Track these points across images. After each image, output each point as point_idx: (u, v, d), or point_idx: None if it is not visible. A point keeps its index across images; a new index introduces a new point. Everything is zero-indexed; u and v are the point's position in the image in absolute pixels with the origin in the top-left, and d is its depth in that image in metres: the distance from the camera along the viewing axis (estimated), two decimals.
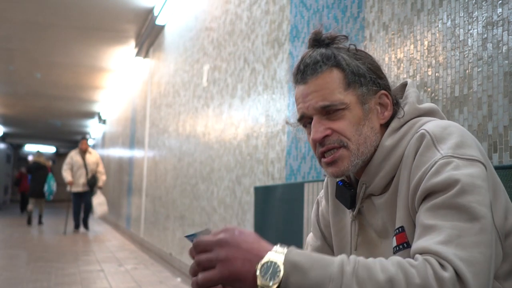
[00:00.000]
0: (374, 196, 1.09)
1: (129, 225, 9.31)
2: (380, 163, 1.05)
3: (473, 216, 0.86)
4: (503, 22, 1.50)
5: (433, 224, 0.87)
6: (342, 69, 1.05)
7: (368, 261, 0.84)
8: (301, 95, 1.08)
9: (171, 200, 6.04)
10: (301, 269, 0.82)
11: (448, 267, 0.81)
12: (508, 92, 1.47)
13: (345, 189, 1.13)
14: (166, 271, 5.57)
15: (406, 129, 1.05)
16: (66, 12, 6.96)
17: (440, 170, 0.91)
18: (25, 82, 11.37)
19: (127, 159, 10.15)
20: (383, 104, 1.08)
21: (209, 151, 4.56)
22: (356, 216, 1.12)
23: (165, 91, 6.74)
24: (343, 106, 1.04)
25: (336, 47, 1.09)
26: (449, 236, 0.84)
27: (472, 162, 0.92)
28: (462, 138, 0.96)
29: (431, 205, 0.90)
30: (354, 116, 1.05)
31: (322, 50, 1.07)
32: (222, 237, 0.86)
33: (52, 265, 5.79)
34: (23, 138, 24.50)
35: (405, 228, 0.99)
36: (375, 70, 1.08)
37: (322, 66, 1.05)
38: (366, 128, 1.05)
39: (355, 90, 1.05)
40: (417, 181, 0.94)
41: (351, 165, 1.05)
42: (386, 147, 1.05)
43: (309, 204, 2.53)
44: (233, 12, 4.11)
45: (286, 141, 2.96)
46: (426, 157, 0.95)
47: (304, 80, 1.07)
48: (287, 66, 3.01)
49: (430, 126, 1.00)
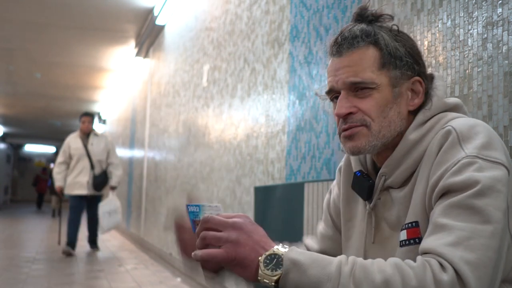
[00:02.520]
0: (393, 189, 1.06)
1: (129, 225, 9.31)
2: (402, 156, 1.03)
3: (487, 219, 0.85)
4: (503, 22, 1.50)
5: (445, 223, 0.86)
6: (379, 48, 1.03)
7: (367, 262, 0.85)
8: (334, 68, 1.05)
9: (171, 200, 6.04)
10: (300, 267, 0.85)
11: (449, 270, 0.81)
12: (508, 92, 1.47)
13: (364, 179, 1.10)
14: (166, 271, 5.57)
15: (432, 124, 1.02)
16: (66, 12, 6.96)
17: (462, 170, 0.90)
18: (25, 82, 11.37)
19: (127, 159, 10.15)
20: (415, 90, 1.06)
21: (209, 151, 4.55)
22: (373, 208, 1.10)
23: (165, 91, 6.74)
24: (373, 86, 1.02)
25: (379, 25, 1.07)
26: (459, 237, 0.84)
27: (496, 165, 0.90)
28: (489, 139, 0.93)
29: (447, 203, 0.88)
30: (383, 97, 1.02)
31: (363, 25, 1.05)
32: (237, 220, 0.90)
33: (52, 265, 5.79)
34: (23, 138, 24.49)
35: (420, 224, 0.97)
36: (413, 55, 1.05)
37: (360, 41, 1.03)
38: (392, 111, 1.03)
39: (389, 72, 1.03)
40: (437, 178, 0.93)
41: (369, 145, 1.03)
42: (410, 141, 1.02)
43: (309, 204, 2.53)
44: (233, 12, 4.11)
45: (286, 141, 2.96)
46: (449, 155, 0.93)
47: (339, 53, 1.04)
48: (287, 66, 3.01)
49: (458, 123, 0.97)
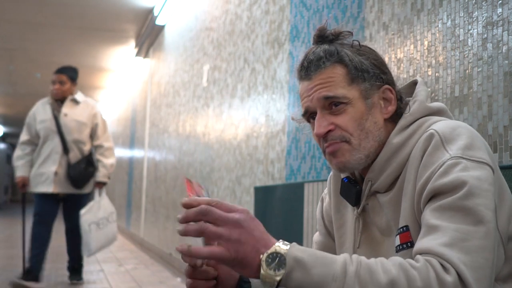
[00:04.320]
0: (380, 194, 1.08)
1: (129, 225, 9.31)
2: (386, 161, 1.05)
3: (479, 219, 0.85)
4: (503, 22, 1.50)
5: (438, 225, 0.86)
6: (345, 65, 1.06)
7: (371, 261, 0.84)
8: (306, 90, 1.08)
9: (171, 200, 6.03)
10: (304, 266, 0.82)
11: (451, 271, 0.81)
12: (508, 92, 1.47)
13: (351, 185, 1.11)
14: (166, 271, 5.57)
15: (415, 128, 1.04)
16: (66, 12, 6.96)
17: (448, 171, 0.91)
18: (25, 82, 11.36)
19: (127, 159, 10.15)
20: (387, 98, 1.08)
21: (209, 151, 4.55)
22: (361, 213, 1.11)
23: (165, 91, 6.74)
24: (346, 101, 1.05)
25: (340, 43, 1.09)
26: (453, 238, 0.84)
27: (481, 165, 0.91)
28: (471, 139, 0.95)
29: (437, 205, 0.89)
30: (357, 111, 1.05)
31: (325, 46, 1.08)
32: (238, 217, 0.85)
33: (52, 265, 5.79)
34: None
35: (410, 228, 0.98)
36: (378, 65, 1.08)
37: (325, 62, 1.06)
38: (368, 123, 1.06)
39: (358, 85, 1.06)
40: (425, 181, 0.94)
41: (353, 159, 1.05)
42: (394, 145, 1.04)
43: (309, 204, 2.53)
44: (233, 12, 4.11)
45: (286, 141, 2.96)
46: (434, 157, 0.95)
47: (308, 76, 1.08)
48: (287, 66, 3.01)
49: (440, 126, 0.99)
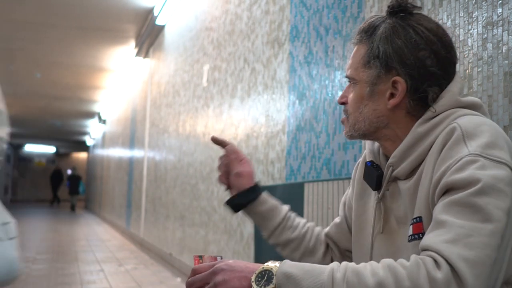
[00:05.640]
0: (400, 181, 1.07)
1: (129, 225, 9.31)
2: (409, 148, 1.04)
3: (487, 217, 0.85)
4: (503, 22, 1.50)
5: (445, 220, 0.87)
6: (368, 47, 1.08)
7: (359, 266, 0.86)
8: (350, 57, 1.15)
9: (171, 200, 6.03)
10: (294, 280, 0.86)
11: (443, 267, 0.81)
12: (508, 92, 1.47)
13: (373, 169, 1.12)
14: (166, 271, 5.57)
15: (441, 118, 1.02)
16: (66, 12, 6.96)
17: (464, 167, 0.90)
18: (25, 82, 11.37)
19: (127, 159, 10.15)
20: (395, 90, 1.06)
21: (209, 151, 4.55)
22: (381, 198, 1.11)
23: (165, 91, 6.74)
24: (354, 82, 1.10)
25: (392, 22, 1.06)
26: (458, 234, 0.84)
27: (499, 165, 0.90)
28: (494, 138, 0.93)
29: (448, 200, 0.89)
30: (358, 94, 1.10)
31: (377, 19, 1.10)
32: (216, 266, 0.93)
33: (52, 265, 5.79)
34: (23, 138, 24.48)
35: (423, 219, 0.98)
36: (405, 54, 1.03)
37: (364, 37, 1.10)
38: (367, 108, 1.08)
39: (369, 70, 1.08)
40: (440, 175, 0.93)
41: (348, 134, 1.14)
42: (418, 133, 1.03)
43: (309, 204, 2.53)
44: (233, 12, 4.11)
45: (286, 141, 2.96)
46: (453, 152, 0.94)
47: (354, 44, 1.14)
48: (287, 66, 3.01)
49: (464, 121, 0.97)
